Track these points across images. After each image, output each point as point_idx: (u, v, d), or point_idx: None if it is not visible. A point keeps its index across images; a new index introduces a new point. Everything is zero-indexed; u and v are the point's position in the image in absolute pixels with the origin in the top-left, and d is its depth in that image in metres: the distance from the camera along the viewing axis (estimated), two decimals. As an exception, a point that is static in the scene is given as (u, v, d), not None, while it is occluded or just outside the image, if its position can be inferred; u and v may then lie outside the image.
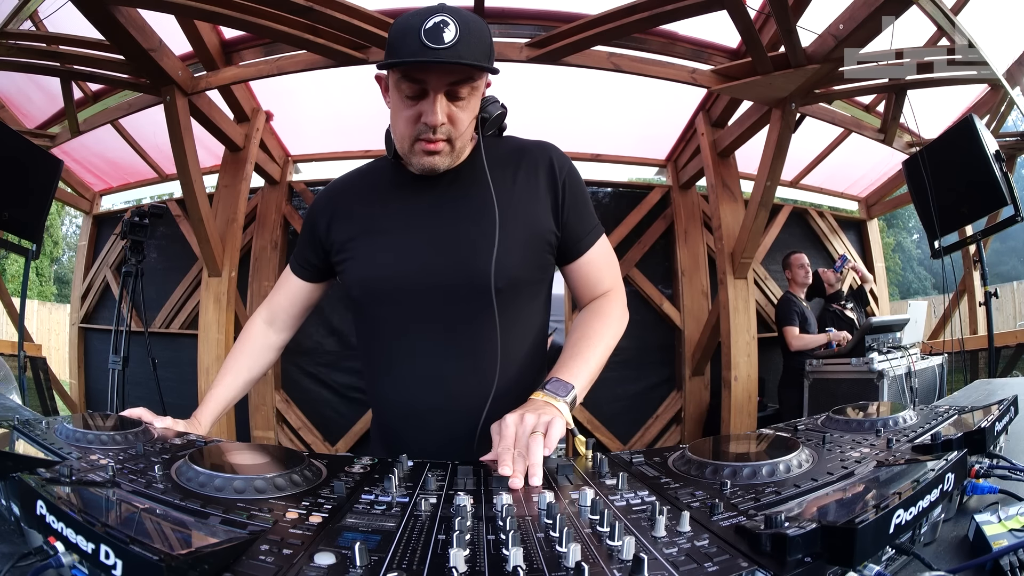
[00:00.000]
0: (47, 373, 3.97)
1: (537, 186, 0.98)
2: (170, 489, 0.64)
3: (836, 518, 0.48)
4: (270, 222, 4.29)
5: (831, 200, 5.32)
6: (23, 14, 2.62)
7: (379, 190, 1.02)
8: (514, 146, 1.05)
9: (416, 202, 0.98)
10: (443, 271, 0.94)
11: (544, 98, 3.83)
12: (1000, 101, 3.57)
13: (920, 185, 2.98)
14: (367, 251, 0.99)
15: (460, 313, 0.94)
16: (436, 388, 0.96)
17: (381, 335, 1.01)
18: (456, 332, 0.95)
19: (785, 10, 2.46)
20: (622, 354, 4.44)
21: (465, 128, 0.93)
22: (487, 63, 0.87)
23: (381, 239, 0.98)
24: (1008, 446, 0.85)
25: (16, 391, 1.91)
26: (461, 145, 0.95)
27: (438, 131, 0.89)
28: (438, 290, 0.94)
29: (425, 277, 0.95)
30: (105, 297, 4.78)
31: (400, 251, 0.96)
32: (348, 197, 1.05)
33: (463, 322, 0.95)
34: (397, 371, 0.99)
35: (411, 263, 0.95)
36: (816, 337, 3.53)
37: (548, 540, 0.54)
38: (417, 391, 0.97)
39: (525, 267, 0.97)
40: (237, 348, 1.17)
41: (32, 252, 2.91)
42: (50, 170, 2.98)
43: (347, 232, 1.01)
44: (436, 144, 0.91)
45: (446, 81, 0.87)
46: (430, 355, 0.96)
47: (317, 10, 2.60)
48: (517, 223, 0.95)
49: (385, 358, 1.01)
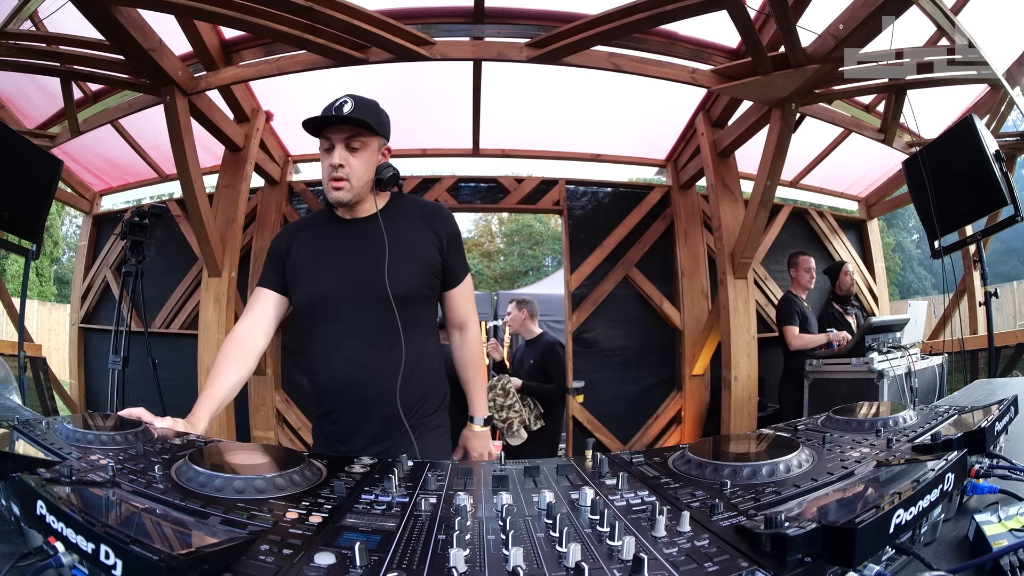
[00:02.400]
0: (47, 373, 3.97)
1: (428, 231, 1.39)
2: (170, 489, 0.64)
3: (836, 518, 0.48)
4: (270, 222, 4.29)
5: (831, 200, 5.32)
6: (23, 14, 2.62)
7: (319, 230, 1.43)
8: (416, 202, 1.48)
9: (342, 238, 1.39)
10: (356, 285, 1.32)
11: (544, 98, 3.83)
12: (1000, 101, 3.57)
13: (920, 185, 2.98)
14: (308, 275, 1.36)
15: (369, 312, 1.32)
16: (358, 366, 1.31)
17: (319, 334, 1.35)
18: (368, 326, 1.32)
19: (785, 10, 2.46)
20: (622, 354, 4.45)
21: (359, 171, 1.33)
22: (375, 129, 1.32)
23: (317, 266, 1.36)
24: (1008, 446, 0.85)
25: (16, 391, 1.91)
26: (357, 184, 1.33)
27: (339, 171, 1.31)
28: (355, 298, 1.32)
29: (345, 290, 1.32)
30: (105, 297, 4.77)
31: (329, 274, 1.35)
32: (300, 234, 1.44)
33: (371, 318, 1.31)
34: (332, 357, 1.33)
35: (334, 282, 1.34)
36: (816, 337, 3.53)
37: (548, 540, 0.54)
38: (345, 369, 1.32)
39: (418, 284, 1.36)
40: (226, 352, 1.33)
41: (32, 252, 2.91)
42: (50, 170, 2.98)
43: (297, 260, 1.39)
44: (339, 181, 1.32)
45: (342, 136, 1.32)
46: (353, 344, 1.32)
47: (317, 10, 2.60)
48: (409, 252, 1.35)
49: (323, 349, 1.34)
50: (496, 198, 4.58)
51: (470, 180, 4.60)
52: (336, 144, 1.31)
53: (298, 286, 1.37)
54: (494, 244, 19.35)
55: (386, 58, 2.92)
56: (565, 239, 4.48)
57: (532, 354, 3.63)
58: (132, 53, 2.73)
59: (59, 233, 15.08)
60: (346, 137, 1.31)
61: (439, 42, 2.98)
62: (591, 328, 4.43)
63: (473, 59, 3.25)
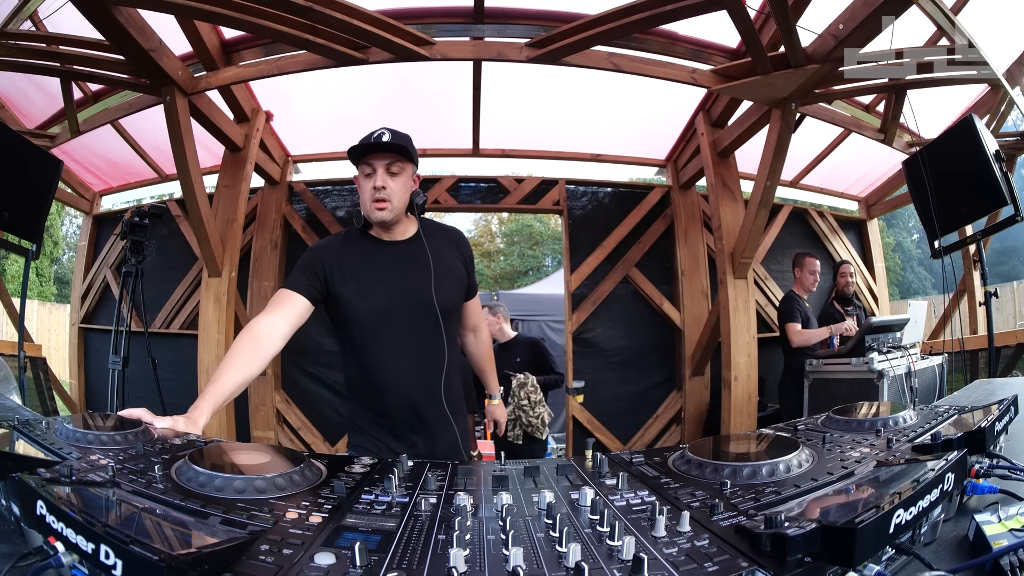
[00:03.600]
0: (47, 373, 3.97)
1: (457, 252, 1.58)
2: (170, 489, 0.64)
3: (836, 518, 0.48)
4: (270, 222, 4.29)
5: (831, 200, 5.32)
6: (23, 14, 2.62)
7: (363, 249, 1.52)
8: (439, 227, 1.63)
9: (389, 258, 1.51)
10: (409, 300, 1.46)
11: (544, 98, 3.83)
12: (1000, 101, 3.57)
13: (920, 185, 2.98)
14: (369, 289, 1.46)
15: (416, 325, 1.47)
16: (414, 372, 1.47)
17: (379, 343, 1.46)
18: (420, 337, 1.47)
19: (785, 10, 2.46)
20: (622, 354, 4.45)
21: (399, 194, 1.46)
22: (410, 157, 1.48)
23: (376, 281, 1.47)
24: (1008, 446, 0.85)
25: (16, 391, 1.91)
26: (398, 205, 1.46)
27: (381, 192, 1.43)
28: (408, 312, 1.46)
29: (400, 304, 1.46)
30: (105, 297, 4.78)
31: (387, 289, 1.47)
32: (344, 251, 1.51)
33: (419, 331, 1.47)
34: (392, 365, 1.46)
35: (392, 297, 1.46)
36: (817, 332, 3.51)
37: (548, 540, 0.54)
38: (403, 374, 1.46)
39: (457, 299, 1.56)
40: (241, 346, 1.29)
41: (32, 252, 2.91)
42: (50, 170, 2.98)
43: (352, 277, 1.47)
44: (382, 203, 1.44)
45: (384, 162, 1.44)
46: (410, 353, 1.47)
47: (317, 10, 2.60)
48: (448, 271, 1.52)
49: (382, 357, 1.46)
50: (496, 198, 4.58)
51: (470, 180, 4.61)
52: (378, 169, 1.43)
53: (359, 298, 1.45)
54: (494, 244, 19.35)
55: (386, 58, 2.92)
56: (565, 239, 4.48)
57: (516, 353, 3.63)
58: (132, 53, 2.73)
59: (59, 233, 15.08)
60: (387, 163, 1.44)
61: (439, 42, 2.98)
62: (591, 328, 4.43)
63: (473, 59, 3.25)
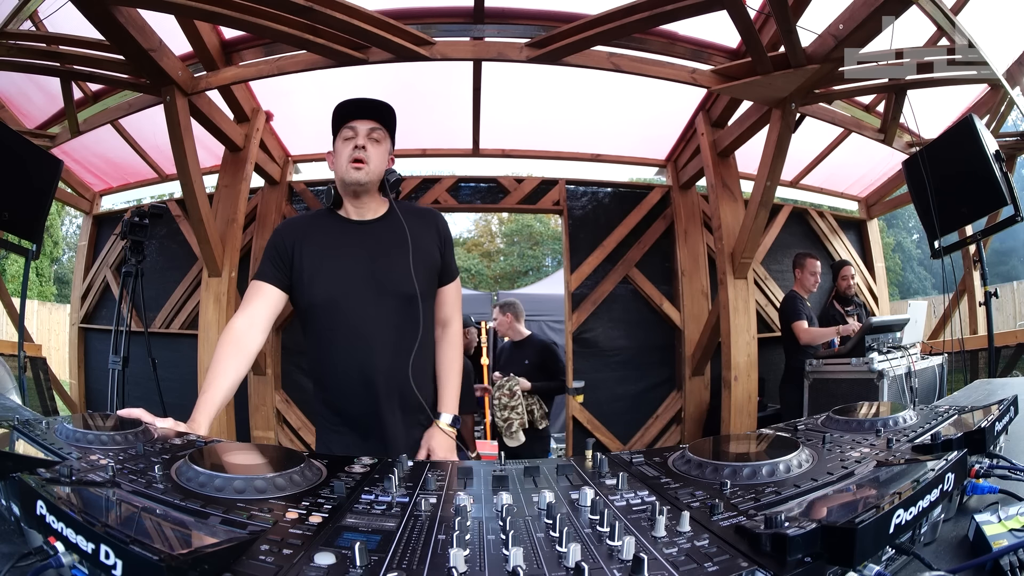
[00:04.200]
0: (47, 373, 3.97)
1: (431, 232, 1.48)
2: (170, 489, 0.64)
3: (836, 518, 0.48)
4: (270, 222, 4.29)
5: (831, 200, 5.32)
6: (23, 14, 2.62)
7: (327, 230, 1.45)
8: (415, 208, 1.56)
9: (354, 239, 1.43)
10: (375, 284, 1.38)
11: (544, 98, 3.83)
12: (1000, 101, 3.57)
13: (920, 185, 2.98)
14: (324, 274, 1.39)
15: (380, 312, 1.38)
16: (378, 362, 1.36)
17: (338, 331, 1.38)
18: (389, 323, 1.38)
19: (785, 10, 2.46)
20: (622, 354, 4.45)
21: (376, 160, 1.42)
22: (391, 129, 1.47)
23: (335, 265, 1.40)
24: (1008, 446, 0.85)
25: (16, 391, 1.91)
26: (374, 170, 1.41)
27: (360, 152, 1.39)
28: (373, 297, 1.37)
29: (364, 289, 1.38)
30: (105, 297, 4.77)
31: (347, 272, 1.39)
32: (307, 233, 1.43)
33: (382, 318, 1.37)
34: (351, 354, 1.36)
35: (353, 281, 1.38)
36: (825, 330, 3.51)
37: (548, 540, 0.54)
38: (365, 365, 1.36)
39: (427, 281, 1.44)
40: (222, 350, 1.30)
41: (32, 252, 2.91)
42: (50, 170, 2.98)
43: (309, 260, 1.39)
44: (360, 163, 1.39)
45: (366, 127, 1.42)
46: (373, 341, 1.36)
47: (317, 10, 2.60)
48: (423, 254, 1.43)
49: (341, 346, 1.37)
50: (496, 198, 4.58)
51: (470, 180, 4.60)
52: (360, 131, 1.41)
53: (313, 285, 1.38)
54: (494, 244, 19.36)
55: (386, 58, 2.92)
56: (565, 239, 4.48)
57: (526, 354, 3.63)
58: (132, 53, 2.73)
59: (59, 233, 15.08)
60: (370, 128, 1.42)
61: (439, 42, 2.98)
62: (591, 328, 4.43)
63: (473, 59, 3.25)
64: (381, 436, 1.37)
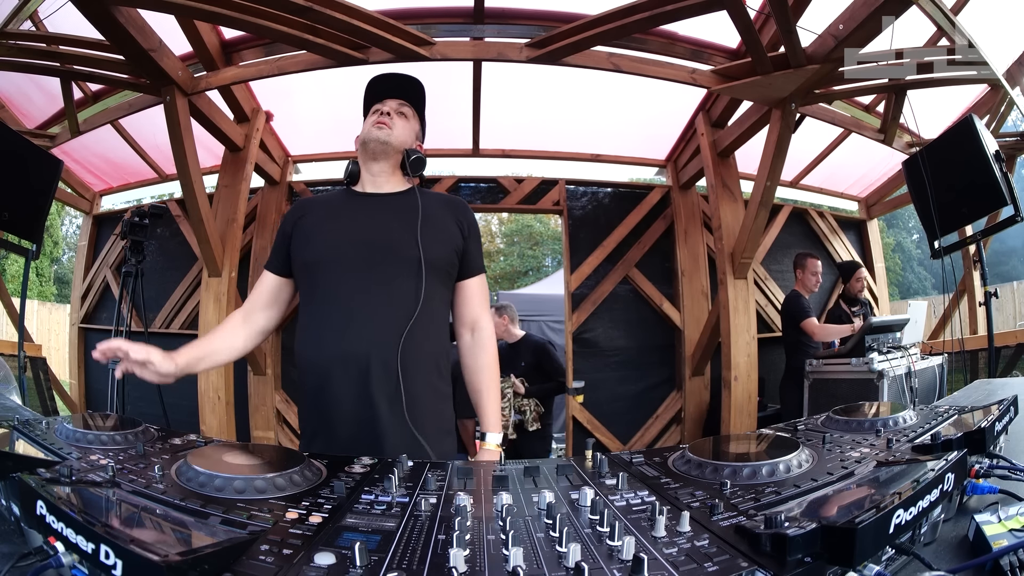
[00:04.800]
0: (47, 373, 3.97)
1: (452, 214, 1.37)
2: (170, 489, 0.64)
3: (836, 518, 0.48)
4: (270, 222, 4.29)
5: (831, 200, 5.32)
6: (23, 14, 2.62)
7: (334, 201, 1.41)
8: (439, 194, 1.46)
9: (362, 207, 1.36)
10: (375, 248, 1.26)
11: (544, 98, 3.83)
12: (1000, 101, 3.57)
13: (920, 185, 2.98)
14: (317, 236, 1.31)
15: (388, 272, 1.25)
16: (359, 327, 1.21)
17: (308, 301, 1.28)
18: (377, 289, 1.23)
19: (785, 10, 2.46)
20: (622, 354, 4.45)
21: (401, 128, 1.39)
22: (421, 109, 1.48)
23: (330, 228, 1.32)
24: (1008, 446, 0.85)
25: (16, 391, 1.91)
26: (397, 137, 1.37)
27: (386, 118, 1.37)
28: (371, 261, 1.25)
29: (345, 250, 1.26)
30: (105, 297, 4.77)
31: (329, 235, 1.30)
32: (311, 207, 1.39)
33: (387, 282, 1.24)
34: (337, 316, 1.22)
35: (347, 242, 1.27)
36: (840, 328, 3.49)
37: (548, 540, 0.54)
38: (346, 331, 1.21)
39: (442, 256, 1.29)
40: (223, 323, 1.39)
41: (32, 252, 2.91)
42: (50, 170, 2.98)
43: (306, 228, 1.33)
44: (384, 123, 1.36)
45: (395, 103, 1.42)
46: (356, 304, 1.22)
47: (317, 10, 2.60)
48: (437, 226, 1.31)
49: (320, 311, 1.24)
50: (496, 198, 4.58)
51: (470, 180, 4.60)
52: (388, 102, 1.41)
53: (303, 249, 1.30)
54: (494, 244, 19.35)
55: (386, 58, 2.92)
56: (565, 239, 4.48)
57: (523, 356, 3.63)
58: (132, 53, 2.73)
59: (59, 233, 15.08)
60: (398, 103, 1.42)
61: (439, 42, 2.98)
62: (591, 328, 4.43)
63: (473, 59, 3.25)
64: (370, 430, 1.16)
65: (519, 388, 3.46)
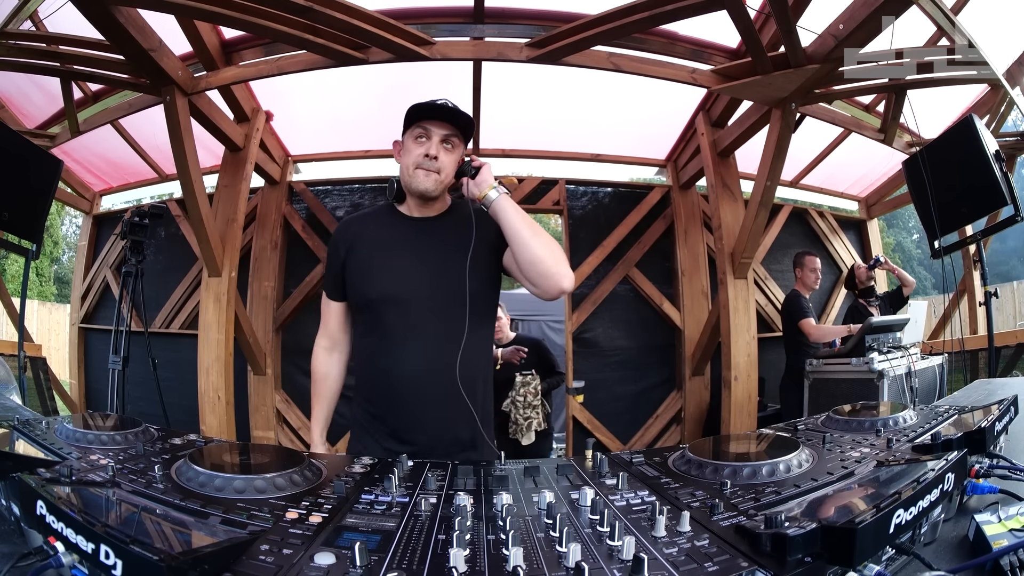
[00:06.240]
0: (47, 373, 3.97)
1: (489, 231, 1.35)
2: (170, 489, 0.64)
3: (836, 518, 0.48)
4: (270, 222, 4.29)
5: (831, 200, 5.32)
6: (23, 14, 2.61)
7: (383, 226, 1.41)
8: (473, 204, 1.41)
9: (406, 235, 1.38)
10: (430, 283, 1.31)
11: (544, 98, 3.83)
12: (1000, 101, 3.57)
13: (920, 185, 2.98)
14: (376, 271, 1.35)
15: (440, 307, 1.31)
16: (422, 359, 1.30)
17: (371, 334, 1.35)
18: (434, 320, 1.31)
19: (785, 10, 2.46)
20: (622, 354, 4.45)
21: (448, 169, 1.34)
22: (467, 138, 1.37)
23: (394, 259, 1.34)
24: (1008, 446, 0.85)
25: (16, 391, 1.91)
26: (444, 179, 1.34)
27: (433, 163, 1.31)
28: (426, 294, 1.31)
29: (419, 287, 1.31)
30: (105, 297, 4.77)
31: (387, 270, 1.34)
32: (360, 231, 1.41)
33: (444, 317, 1.30)
34: (403, 356, 1.30)
35: (410, 279, 1.32)
36: (836, 328, 3.48)
37: (548, 540, 0.54)
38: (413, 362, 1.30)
39: (483, 281, 1.34)
40: (317, 380, 1.50)
41: (32, 252, 2.91)
42: (50, 170, 2.98)
43: (361, 258, 1.37)
44: (430, 170, 1.32)
45: (442, 133, 1.32)
46: (428, 343, 1.30)
47: (317, 10, 2.60)
48: (479, 253, 1.32)
49: (389, 343, 1.32)
50: (496, 198, 4.57)
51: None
52: (433, 136, 1.32)
53: (364, 282, 1.35)
54: (494, 244, 19.31)
55: (386, 58, 2.92)
56: (565, 239, 4.48)
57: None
58: (132, 53, 2.72)
59: (59, 233, 15.08)
60: (445, 134, 1.33)
61: (439, 42, 2.98)
62: (591, 328, 4.43)
63: (473, 59, 3.25)
64: (424, 436, 1.30)
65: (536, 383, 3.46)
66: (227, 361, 3.52)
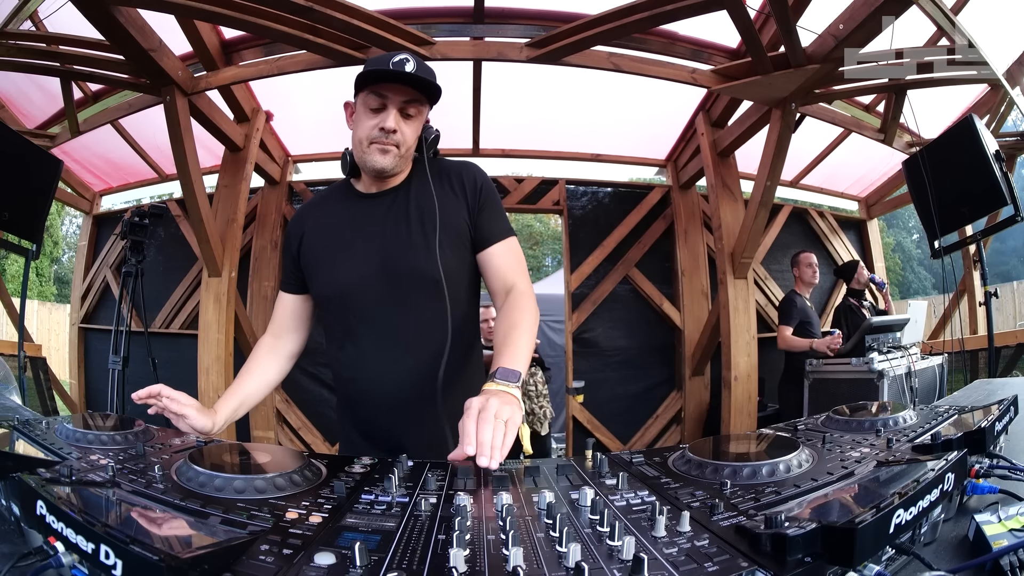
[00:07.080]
0: (47, 373, 3.97)
1: (456, 195, 1.19)
2: (170, 489, 0.64)
3: (836, 518, 0.48)
4: (270, 222, 4.29)
5: (831, 200, 5.32)
6: (23, 14, 2.62)
7: (335, 211, 1.24)
8: (442, 166, 1.24)
9: (366, 216, 1.20)
10: (395, 267, 1.14)
11: (544, 98, 3.83)
12: (1000, 101, 3.57)
13: (920, 185, 2.98)
14: (326, 263, 1.20)
15: (410, 296, 1.14)
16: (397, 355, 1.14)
17: (350, 323, 1.19)
18: (408, 312, 1.15)
19: (785, 10, 2.46)
20: (622, 354, 4.45)
21: (410, 141, 1.16)
22: (432, 99, 1.15)
23: (345, 247, 1.18)
24: (1008, 446, 0.85)
25: (16, 391, 1.91)
26: (405, 152, 1.16)
27: (391, 136, 1.12)
28: (392, 281, 1.14)
29: (375, 279, 1.15)
30: (105, 297, 4.78)
31: (342, 260, 1.18)
32: (311, 217, 1.26)
33: (413, 304, 1.14)
34: (365, 347, 1.16)
35: (370, 264, 1.15)
36: (801, 342, 3.43)
37: (548, 540, 0.54)
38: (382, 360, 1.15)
39: (456, 258, 1.16)
40: (252, 356, 1.29)
41: (32, 252, 2.91)
42: (50, 170, 2.98)
43: (314, 248, 1.22)
44: (387, 146, 1.13)
45: (401, 99, 1.12)
46: (390, 331, 1.15)
47: (317, 10, 2.60)
48: (447, 226, 1.15)
49: (355, 339, 1.18)
50: (496, 198, 4.58)
51: (470, 180, 4.60)
52: (390, 106, 1.11)
53: (318, 277, 1.20)
54: (494, 244, 19.34)
55: (386, 58, 2.92)
56: (565, 239, 4.49)
57: None
58: (132, 53, 2.73)
59: (59, 233, 15.09)
60: (405, 100, 1.12)
61: (439, 42, 2.98)
62: (591, 328, 4.43)
63: (473, 59, 3.25)
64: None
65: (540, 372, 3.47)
66: (227, 361, 3.52)
